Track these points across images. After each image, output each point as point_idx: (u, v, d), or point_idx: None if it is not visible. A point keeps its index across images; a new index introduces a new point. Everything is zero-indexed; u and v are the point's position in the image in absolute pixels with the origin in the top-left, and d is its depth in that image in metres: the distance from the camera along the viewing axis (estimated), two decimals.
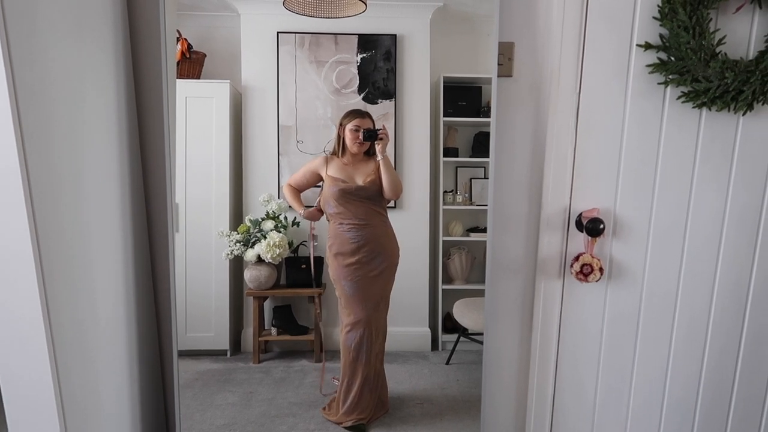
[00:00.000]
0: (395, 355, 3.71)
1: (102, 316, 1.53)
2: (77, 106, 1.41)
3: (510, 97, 1.55)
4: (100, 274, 1.52)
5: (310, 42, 3.61)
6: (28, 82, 1.20)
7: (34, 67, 1.23)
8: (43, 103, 1.26)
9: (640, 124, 1.52)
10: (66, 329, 1.34)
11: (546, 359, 1.66)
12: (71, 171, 1.39)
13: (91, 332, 1.48)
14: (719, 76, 1.43)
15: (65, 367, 1.33)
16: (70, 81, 1.38)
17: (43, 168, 1.26)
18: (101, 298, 1.53)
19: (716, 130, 1.52)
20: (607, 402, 1.69)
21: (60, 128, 1.34)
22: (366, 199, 2.67)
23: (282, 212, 3.55)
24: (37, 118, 1.24)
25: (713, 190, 1.56)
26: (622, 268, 1.60)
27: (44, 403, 1.29)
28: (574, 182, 1.56)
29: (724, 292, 1.62)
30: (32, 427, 1.31)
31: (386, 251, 2.72)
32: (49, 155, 1.29)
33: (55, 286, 1.29)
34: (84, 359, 1.44)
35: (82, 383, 1.42)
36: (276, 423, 2.68)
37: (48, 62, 1.29)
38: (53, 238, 1.29)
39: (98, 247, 1.51)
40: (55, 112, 1.32)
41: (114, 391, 1.60)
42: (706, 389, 1.68)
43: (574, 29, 1.48)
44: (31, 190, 1.20)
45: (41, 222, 1.23)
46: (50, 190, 1.29)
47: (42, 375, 1.28)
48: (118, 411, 1.62)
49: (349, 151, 2.72)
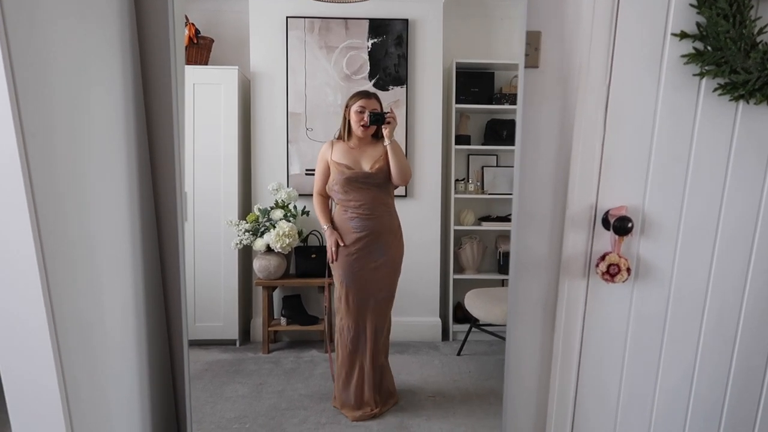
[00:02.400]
0: (406, 345, 3.69)
1: (109, 307, 1.49)
2: (81, 94, 1.35)
3: (536, 88, 1.47)
4: (106, 266, 1.47)
5: (320, 27, 3.53)
6: (27, 72, 1.14)
7: (35, 57, 1.17)
8: (44, 92, 1.21)
9: (673, 118, 1.45)
10: (70, 323, 1.30)
11: (568, 360, 1.61)
12: (75, 161, 1.33)
13: (98, 325, 1.44)
14: (760, 67, 1.35)
15: (69, 362, 1.28)
16: (73, 68, 1.32)
17: (45, 159, 1.20)
18: (108, 290, 1.49)
19: (753, 125, 1.44)
20: (630, 404, 1.64)
21: (62, 117, 1.28)
22: (373, 186, 2.58)
23: (291, 201, 3.50)
24: (39, 108, 1.18)
25: (747, 188, 1.49)
26: (649, 268, 1.54)
27: (49, 400, 1.26)
28: (602, 179, 1.49)
29: (755, 292, 1.56)
30: (37, 424, 1.28)
31: (388, 245, 2.63)
32: (51, 146, 1.23)
33: (58, 280, 1.24)
34: (90, 352, 1.40)
35: (88, 378, 1.38)
36: (287, 416, 2.65)
37: (49, 48, 1.23)
38: (57, 229, 1.25)
39: (104, 238, 1.46)
40: (57, 100, 1.26)
41: (122, 384, 1.56)
42: (734, 392, 1.62)
43: (605, 17, 1.40)
44: (32, 182, 1.15)
45: (43, 214, 1.18)
46: (52, 180, 1.24)
47: (46, 372, 1.24)
48: (127, 405, 1.58)
49: (355, 134, 2.62)
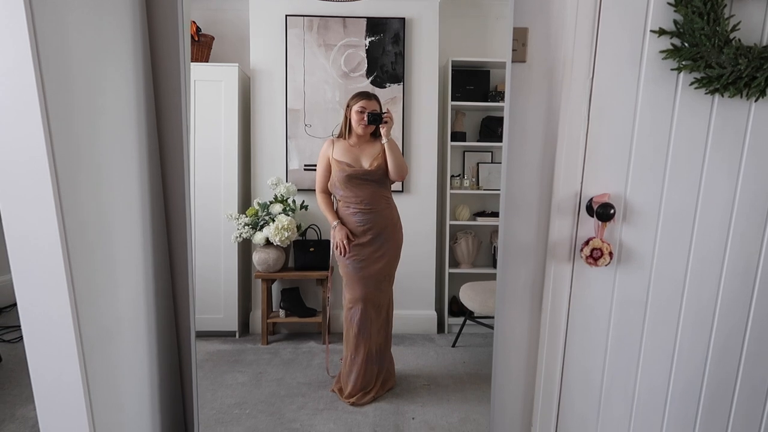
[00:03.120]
0: (402, 337, 3.76)
1: (124, 301, 1.57)
2: (98, 90, 1.42)
3: (523, 82, 1.55)
4: (121, 260, 1.55)
5: (319, 25, 3.61)
6: (52, 63, 1.21)
7: (58, 48, 1.24)
8: (65, 87, 1.28)
9: (653, 110, 1.53)
10: (90, 316, 1.37)
11: (555, 342, 1.68)
12: (93, 157, 1.40)
13: (114, 318, 1.51)
14: (732, 62, 1.43)
15: (90, 348, 1.36)
16: (91, 62, 1.39)
17: (68, 157, 1.28)
18: (123, 283, 1.56)
19: (728, 117, 1.52)
20: (613, 385, 1.71)
21: (82, 112, 1.35)
22: (373, 182, 2.72)
23: (290, 195, 3.57)
24: (61, 93, 1.25)
25: (724, 177, 1.57)
26: (631, 253, 1.62)
27: (71, 384, 1.34)
28: (586, 168, 1.57)
29: (732, 277, 1.64)
30: (59, 405, 1.35)
31: (390, 233, 2.78)
32: (72, 141, 1.30)
33: (80, 275, 1.32)
34: (106, 342, 1.47)
35: (105, 366, 1.46)
36: (286, 402, 2.73)
37: (70, 40, 1.30)
38: (78, 224, 1.32)
39: (120, 233, 1.54)
40: (77, 96, 1.33)
41: (135, 371, 1.64)
42: (712, 373, 1.70)
43: (588, 15, 1.48)
44: (58, 181, 1.23)
45: (68, 211, 1.26)
46: (74, 178, 1.31)
47: (69, 361, 1.32)
48: (138, 389, 1.66)
49: (355, 133, 2.76)
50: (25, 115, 1.17)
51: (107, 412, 1.46)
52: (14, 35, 1.13)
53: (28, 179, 1.21)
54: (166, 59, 1.63)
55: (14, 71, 1.15)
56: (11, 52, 1.14)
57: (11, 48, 1.14)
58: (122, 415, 1.56)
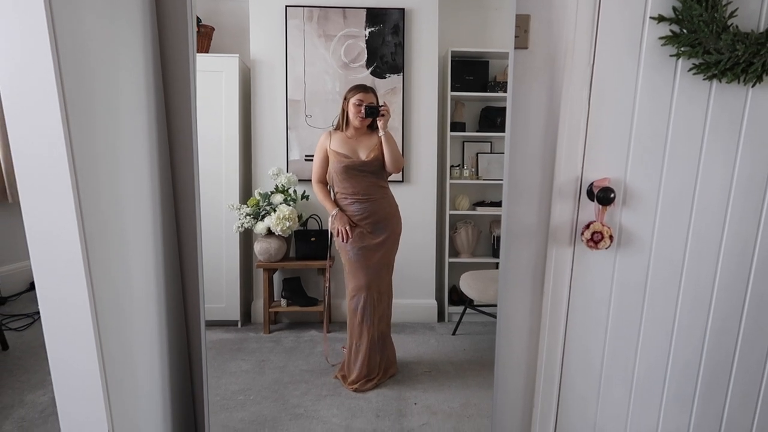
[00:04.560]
0: (402, 326, 3.80)
1: (136, 285, 1.59)
2: (112, 84, 1.45)
3: (525, 68, 1.58)
4: (134, 249, 1.57)
5: (319, 16, 3.62)
6: (70, 61, 1.24)
7: (76, 47, 1.27)
8: (83, 81, 1.30)
9: (652, 96, 1.56)
10: (106, 305, 1.40)
11: (556, 324, 1.72)
12: (108, 150, 1.43)
13: (127, 308, 1.54)
14: (730, 48, 1.46)
15: (106, 334, 1.39)
16: (106, 58, 1.41)
17: (85, 149, 1.30)
18: (136, 272, 1.59)
19: (726, 102, 1.55)
20: (613, 366, 1.75)
21: (98, 107, 1.38)
22: (369, 173, 2.77)
23: (291, 186, 3.60)
24: (79, 89, 1.28)
25: (721, 161, 1.60)
26: (631, 236, 1.65)
27: (88, 373, 1.37)
28: (586, 152, 1.60)
29: (729, 260, 1.67)
30: (77, 390, 1.39)
31: (388, 221, 2.82)
32: (89, 134, 1.33)
33: (97, 264, 1.35)
34: (121, 332, 1.50)
35: (120, 354, 1.49)
36: (289, 389, 2.77)
37: (87, 40, 1.33)
38: (95, 215, 1.34)
39: (133, 223, 1.56)
40: (93, 91, 1.36)
41: (147, 359, 1.67)
42: (710, 354, 1.74)
43: (589, 1, 1.50)
44: (77, 174, 1.25)
45: (85, 202, 1.29)
46: (91, 170, 1.33)
47: (87, 350, 1.35)
48: (150, 377, 1.69)
49: (352, 125, 2.80)
50: (46, 111, 1.20)
51: (122, 396, 1.49)
52: (34, 35, 1.16)
53: (48, 172, 1.23)
54: (176, 53, 1.66)
55: (35, 69, 1.18)
56: (32, 51, 1.17)
57: (32, 47, 1.17)
58: (136, 398, 1.59)
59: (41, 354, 2.94)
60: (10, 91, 1.21)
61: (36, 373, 2.79)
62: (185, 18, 1.63)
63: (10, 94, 1.21)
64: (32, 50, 1.17)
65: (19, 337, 3.30)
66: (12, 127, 1.23)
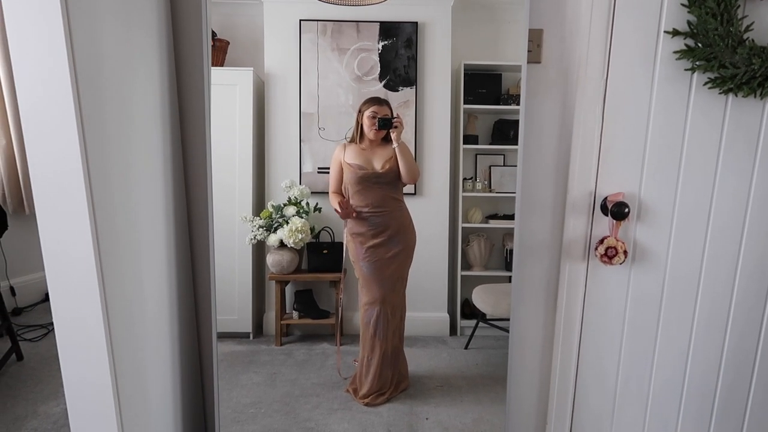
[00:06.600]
0: (414, 339, 3.78)
1: (149, 298, 1.60)
2: (128, 96, 1.47)
3: (538, 83, 1.58)
4: (147, 262, 1.59)
5: (332, 30, 3.65)
6: (86, 72, 1.26)
7: (92, 58, 1.29)
8: (98, 94, 1.32)
9: (666, 110, 1.55)
10: (119, 317, 1.41)
11: (569, 340, 1.70)
12: (122, 163, 1.44)
13: (139, 320, 1.55)
14: (746, 62, 1.45)
15: (119, 347, 1.40)
16: (121, 70, 1.43)
17: (100, 162, 1.32)
18: (148, 285, 1.60)
19: (741, 117, 1.54)
20: (628, 382, 1.73)
21: (113, 119, 1.40)
22: (384, 184, 2.77)
23: (304, 198, 3.61)
24: (94, 110, 1.30)
25: (737, 176, 1.58)
26: (645, 251, 1.63)
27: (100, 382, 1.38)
28: (600, 167, 1.59)
29: (746, 276, 1.65)
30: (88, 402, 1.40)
31: (403, 235, 2.81)
32: (104, 146, 1.34)
33: (111, 278, 1.36)
34: (133, 343, 1.51)
35: (132, 365, 1.50)
36: (300, 402, 2.75)
37: (103, 52, 1.35)
38: (109, 228, 1.36)
39: (146, 235, 1.58)
40: (109, 103, 1.37)
41: (158, 370, 1.67)
42: (727, 371, 1.71)
43: (602, 16, 1.50)
44: (91, 187, 1.27)
45: (99, 215, 1.30)
46: (105, 183, 1.35)
47: (99, 359, 1.36)
48: (161, 388, 1.69)
49: (366, 137, 2.81)
50: (62, 125, 1.22)
51: (134, 410, 1.50)
52: (52, 46, 1.18)
53: (63, 185, 1.25)
54: (190, 66, 1.69)
55: (53, 84, 1.20)
56: (49, 61, 1.19)
57: (49, 58, 1.19)
58: (148, 413, 1.60)
59: (55, 365, 2.96)
60: (29, 106, 1.23)
61: (50, 383, 2.81)
62: (200, 31, 1.65)
63: (28, 108, 1.23)
64: (51, 68, 1.19)
65: (34, 347, 3.33)
66: (29, 140, 1.24)
